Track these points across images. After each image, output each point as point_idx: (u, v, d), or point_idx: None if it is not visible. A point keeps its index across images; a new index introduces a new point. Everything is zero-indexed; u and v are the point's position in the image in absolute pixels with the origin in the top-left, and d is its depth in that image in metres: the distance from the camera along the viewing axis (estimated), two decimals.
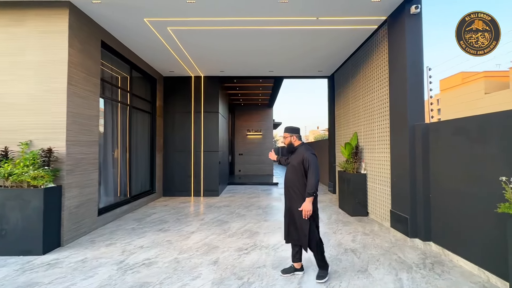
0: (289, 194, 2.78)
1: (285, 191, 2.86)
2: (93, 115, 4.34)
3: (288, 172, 2.84)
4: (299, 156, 2.72)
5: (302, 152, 2.72)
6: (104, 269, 2.95)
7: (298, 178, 2.71)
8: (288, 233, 2.80)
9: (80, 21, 4.02)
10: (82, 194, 4.06)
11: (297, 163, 2.71)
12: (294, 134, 2.88)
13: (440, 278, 2.73)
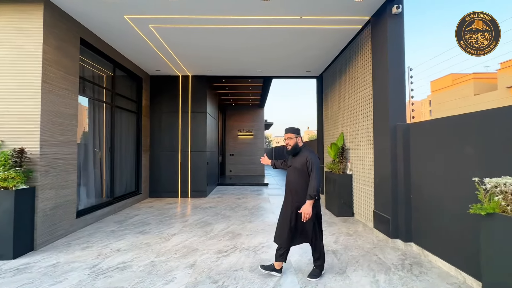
0: (292, 195, 2.71)
1: (288, 194, 2.78)
2: (71, 114, 4.21)
3: (291, 175, 2.76)
4: (302, 158, 2.67)
5: (306, 154, 2.68)
6: (75, 274, 2.85)
7: (302, 180, 2.66)
8: (293, 238, 2.68)
9: (56, 17, 3.89)
10: (59, 196, 3.93)
11: (300, 165, 2.67)
12: (299, 136, 2.79)
13: (417, 280, 2.71)
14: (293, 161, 2.77)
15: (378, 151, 4.10)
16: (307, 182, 2.64)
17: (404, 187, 3.59)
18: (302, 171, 2.66)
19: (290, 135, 2.77)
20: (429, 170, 3.21)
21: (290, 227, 2.68)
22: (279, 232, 2.76)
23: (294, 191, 2.71)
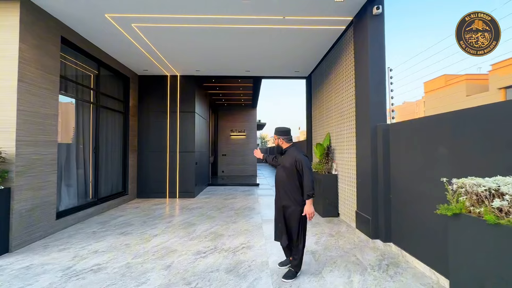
0: (280, 194, 2.82)
1: (276, 191, 2.88)
2: (51, 113, 4.15)
3: (279, 173, 2.85)
4: (290, 158, 2.74)
5: (294, 154, 2.75)
6: (47, 276, 2.80)
7: (290, 179, 2.74)
8: (288, 236, 2.76)
9: (34, 15, 3.83)
10: (37, 197, 3.87)
11: (289, 164, 2.73)
12: (281, 136, 2.87)
13: (391, 280, 2.70)
14: (282, 160, 2.85)
15: (360, 152, 4.11)
16: (295, 181, 2.72)
17: (384, 188, 3.59)
18: (291, 171, 2.72)
19: (274, 136, 2.94)
20: (405, 170, 3.22)
21: (276, 223, 2.85)
22: (276, 230, 2.90)
23: (282, 190, 2.79)
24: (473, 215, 1.89)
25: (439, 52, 34.20)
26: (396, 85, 32.10)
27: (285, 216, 2.76)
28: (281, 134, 2.88)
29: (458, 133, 2.46)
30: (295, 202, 2.72)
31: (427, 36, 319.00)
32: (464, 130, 2.40)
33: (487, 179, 1.83)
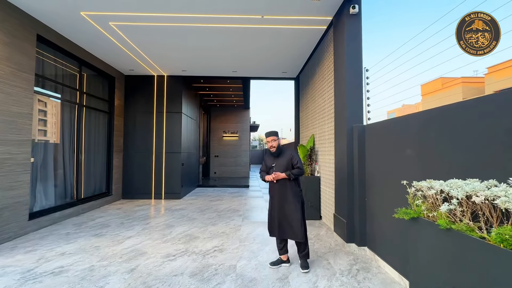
0: (280, 191, 2.97)
1: (275, 190, 3.01)
2: (24, 112, 4.08)
3: (278, 171, 2.99)
4: (287, 156, 3.02)
5: (289, 152, 3.05)
6: (4, 279, 2.71)
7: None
8: (279, 229, 2.97)
9: (5, 11, 3.77)
10: (6, 197, 3.78)
11: (286, 162, 2.98)
12: (279, 138, 3.13)
13: (358, 286, 2.62)
14: (278, 161, 3.04)
15: (338, 153, 4.03)
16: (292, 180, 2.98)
17: (359, 190, 3.51)
18: (287, 167, 2.97)
19: (274, 138, 3.07)
20: (378, 172, 3.14)
21: (273, 220, 3.00)
22: (269, 225, 3.05)
23: (280, 188, 2.97)
24: (431, 219, 1.81)
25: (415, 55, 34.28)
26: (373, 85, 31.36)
27: (286, 211, 2.94)
28: (275, 135, 3.10)
29: (423, 134, 2.39)
30: (294, 195, 2.95)
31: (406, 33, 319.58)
32: (428, 131, 2.33)
33: (441, 182, 1.76)
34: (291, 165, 2.98)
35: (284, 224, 2.95)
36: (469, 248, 1.46)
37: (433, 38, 26.31)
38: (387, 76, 24.47)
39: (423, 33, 24.82)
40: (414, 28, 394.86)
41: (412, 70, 31.24)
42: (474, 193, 1.47)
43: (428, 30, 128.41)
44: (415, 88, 16.73)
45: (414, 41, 70.12)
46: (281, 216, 2.96)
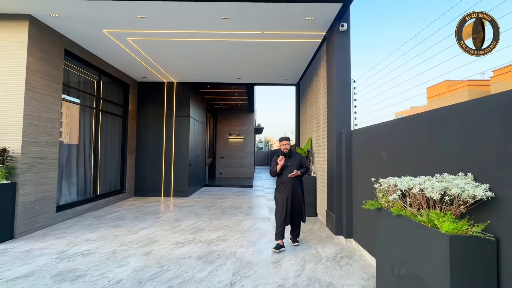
0: (290, 186, 3.68)
1: (287, 185, 3.69)
2: (53, 117, 4.67)
3: (290, 170, 3.69)
4: (296, 158, 3.79)
5: (297, 155, 3.86)
6: (44, 258, 3.26)
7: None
8: (292, 216, 3.71)
9: (40, 31, 4.38)
10: (39, 191, 4.37)
11: (298, 161, 3.76)
12: (288, 141, 3.81)
13: (339, 269, 3.05)
14: (290, 161, 3.76)
15: (329, 155, 4.47)
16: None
17: (346, 188, 3.95)
18: (298, 166, 3.74)
19: (287, 142, 3.81)
20: (361, 172, 3.57)
21: (287, 208, 3.64)
22: (279, 217, 3.69)
23: (291, 182, 3.68)
24: (388, 208, 2.25)
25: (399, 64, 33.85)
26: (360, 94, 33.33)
27: (297, 200, 3.69)
28: (287, 139, 3.83)
29: (391, 139, 2.82)
30: (300, 188, 3.78)
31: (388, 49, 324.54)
32: (395, 138, 2.76)
33: (395, 178, 2.20)
34: (300, 165, 3.75)
35: (295, 211, 3.70)
36: (410, 228, 1.90)
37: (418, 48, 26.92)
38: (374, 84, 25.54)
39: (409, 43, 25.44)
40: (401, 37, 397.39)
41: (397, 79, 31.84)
42: (413, 186, 1.91)
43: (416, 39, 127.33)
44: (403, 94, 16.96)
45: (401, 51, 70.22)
46: (295, 205, 3.69)
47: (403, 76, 19.53)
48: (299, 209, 3.73)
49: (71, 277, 2.77)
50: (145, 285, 2.62)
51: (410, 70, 3.91)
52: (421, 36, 51.66)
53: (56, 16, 4.20)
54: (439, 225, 1.64)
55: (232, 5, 3.85)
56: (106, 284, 2.64)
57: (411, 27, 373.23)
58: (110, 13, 4.13)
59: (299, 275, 2.89)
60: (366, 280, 2.79)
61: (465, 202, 1.62)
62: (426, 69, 8.04)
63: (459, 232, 1.58)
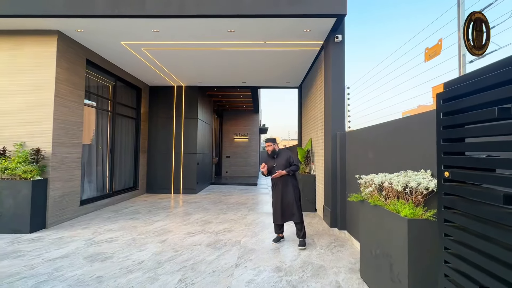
0: (280, 185, 3.82)
1: (278, 184, 3.84)
2: (77, 121, 5.21)
3: (278, 169, 3.83)
4: (284, 155, 3.90)
5: (286, 153, 3.96)
6: (74, 244, 3.78)
7: None
8: (282, 216, 3.82)
9: (67, 44, 4.91)
10: (66, 187, 4.91)
11: (285, 160, 3.86)
12: (275, 143, 3.99)
13: (331, 255, 3.47)
14: (277, 161, 3.88)
15: (326, 155, 4.87)
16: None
17: (341, 184, 4.35)
18: (286, 166, 3.83)
19: (271, 143, 4.00)
20: (353, 169, 3.97)
21: (278, 208, 3.81)
22: (274, 213, 3.91)
23: (282, 180, 3.82)
24: (367, 199, 2.66)
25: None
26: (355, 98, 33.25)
27: (288, 198, 3.78)
28: (274, 142, 4.01)
29: (375, 142, 3.22)
30: (293, 187, 3.81)
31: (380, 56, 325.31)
32: (378, 140, 3.16)
33: (374, 175, 2.60)
34: (289, 163, 3.84)
35: (287, 211, 3.79)
36: (383, 215, 2.31)
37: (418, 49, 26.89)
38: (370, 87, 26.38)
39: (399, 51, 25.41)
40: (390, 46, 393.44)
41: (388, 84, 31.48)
42: (385, 181, 2.32)
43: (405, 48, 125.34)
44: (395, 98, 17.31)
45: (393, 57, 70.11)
46: (285, 205, 3.78)
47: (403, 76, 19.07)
48: (291, 208, 3.77)
49: (101, 258, 3.27)
50: (163, 265, 3.10)
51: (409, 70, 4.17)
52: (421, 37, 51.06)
53: (80, 31, 4.73)
54: (401, 212, 2.05)
55: (237, 20, 4.29)
56: (131, 263, 3.13)
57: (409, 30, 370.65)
58: (129, 28, 4.62)
59: (295, 259, 3.32)
60: (353, 264, 3.20)
61: (421, 193, 2.03)
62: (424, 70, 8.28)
63: (416, 216, 1.99)
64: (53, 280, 2.70)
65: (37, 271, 2.91)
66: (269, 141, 4.01)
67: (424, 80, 26.33)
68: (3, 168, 4.21)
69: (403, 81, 15.08)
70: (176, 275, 2.86)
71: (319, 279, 2.80)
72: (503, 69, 0.95)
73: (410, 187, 2.06)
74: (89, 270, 2.94)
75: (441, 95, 1.32)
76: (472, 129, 1.10)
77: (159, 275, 2.85)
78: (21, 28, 4.65)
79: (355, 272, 2.97)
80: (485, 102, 1.01)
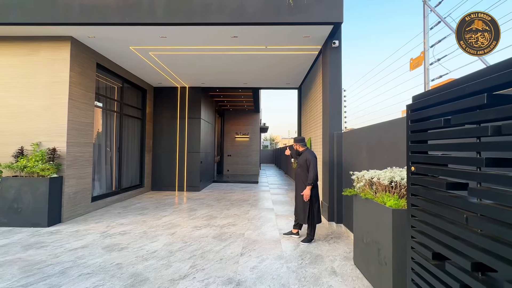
0: (297, 184, 4.08)
1: (296, 183, 4.13)
2: (89, 122, 5.51)
3: (297, 169, 4.11)
4: (303, 158, 4.02)
5: (306, 154, 4.02)
6: (91, 236, 4.09)
7: (303, 173, 3.99)
8: (296, 212, 4.09)
9: (79, 49, 5.20)
10: (79, 184, 5.22)
11: (302, 162, 4.01)
12: (298, 143, 4.19)
13: (328, 245, 3.78)
14: (299, 159, 4.12)
15: (324, 154, 5.17)
16: (305, 174, 3.97)
17: (337, 181, 4.65)
18: (304, 166, 3.97)
19: (294, 143, 4.26)
20: (349, 167, 4.27)
21: (296, 205, 4.06)
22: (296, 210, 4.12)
23: (299, 180, 4.04)
24: (359, 194, 2.96)
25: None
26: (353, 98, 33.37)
27: (297, 198, 4.04)
28: (298, 142, 4.20)
29: (369, 140, 3.52)
30: (302, 189, 3.94)
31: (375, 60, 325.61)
32: (369, 140, 3.46)
33: (365, 171, 2.90)
34: (306, 165, 3.96)
35: (296, 212, 4.10)
36: (372, 207, 2.61)
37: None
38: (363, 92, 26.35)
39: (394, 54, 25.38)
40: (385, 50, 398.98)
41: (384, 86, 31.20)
42: (374, 176, 2.62)
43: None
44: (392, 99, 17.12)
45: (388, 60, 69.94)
46: (297, 203, 4.09)
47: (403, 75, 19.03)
48: (298, 209, 4.01)
49: (117, 248, 3.58)
50: (175, 254, 3.41)
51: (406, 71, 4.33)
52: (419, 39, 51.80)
53: (92, 37, 5.01)
54: (387, 203, 2.35)
55: (240, 27, 4.57)
56: (145, 253, 3.43)
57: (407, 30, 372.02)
58: (138, 34, 4.91)
59: (295, 249, 3.63)
60: (348, 253, 3.51)
61: (404, 186, 2.33)
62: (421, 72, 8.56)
63: (399, 207, 2.29)
64: (77, 267, 3.01)
65: (61, 259, 3.22)
66: (295, 142, 4.26)
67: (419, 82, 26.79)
68: (22, 166, 4.51)
69: (400, 83, 15.24)
70: (187, 262, 3.16)
71: (316, 266, 3.11)
72: (448, 90, 1.25)
73: (395, 182, 2.36)
74: (108, 258, 3.25)
75: (410, 106, 1.62)
76: (431, 134, 1.40)
77: (172, 262, 3.16)
78: (37, 35, 4.94)
79: (349, 260, 3.27)
80: (439, 113, 1.30)
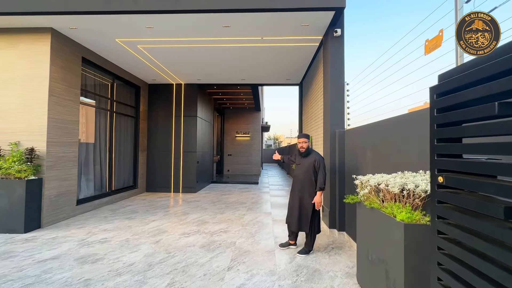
0: (297, 187, 3.46)
1: (296, 186, 3.49)
2: (74, 120, 5.16)
3: (298, 171, 3.50)
4: (311, 158, 3.40)
5: (314, 155, 3.43)
6: (67, 244, 3.73)
7: (309, 176, 3.41)
8: (299, 221, 3.42)
9: (61, 42, 4.85)
10: (62, 186, 4.88)
11: (308, 164, 3.39)
12: (303, 138, 3.52)
13: (328, 258, 3.35)
14: (302, 160, 3.47)
15: (325, 153, 4.72)
16: (311, 178, 3.40)
17: (339, 185, 4.21)
18: (309, 169, 3.39)
19: (305, 140, 3.49)
20: (352, 168, 3.82)
21: (291, 212, 3.50)
22: (288, 216, 3.58)
23: (300, 184, 3.45)
24: (363, 201, 2.52)
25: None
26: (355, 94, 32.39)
27: (300, 205, 3.42)
28: (303, 137, 3.53)
29: (375, 139, 3.07)
30: (309, 194, 3.39)
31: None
32: (374, 139, 3.01)
33: (370, 175, 2.46)
34: (313, 167, 3.36)
35: (299, 219, 3.42)
36: (379, 219, 2.18)
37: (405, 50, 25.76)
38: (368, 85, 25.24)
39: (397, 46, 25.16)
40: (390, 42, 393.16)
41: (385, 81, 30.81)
42: (381, 182, 2.18)
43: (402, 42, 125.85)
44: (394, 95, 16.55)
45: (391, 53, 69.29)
46: (299, 211, 3.42)
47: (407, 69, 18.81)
48: (302, 217, 3.41)
49: (91, 260, 3.21)
50: (154, 268, 3.02)
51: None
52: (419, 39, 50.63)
53: (74, 28, 4.65)
54: (397, 216, 1.92)
55: (231, 15, 4.16)
56: (121, 266, 3.05)
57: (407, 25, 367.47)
58: (122, 24, 4.53)
59: (290, 262, 3.21)
60: (351, 267, 3.07)
61: (419, 196, 1.89)
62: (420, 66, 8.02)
63: (413, 221, 1.85)
64: (39, 283, 2.64)
65: (25, 273, 2.86)
66: (302, 137, 3.51)
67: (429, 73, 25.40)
68: None
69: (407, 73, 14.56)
70: (165, 278, 2.77)
71: (313, 284, 2.68)
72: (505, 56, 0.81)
73: (407, 190, 1.92)
74: (78, 273, 2.87)
75: (435, 88, 1.17)
76: (470, 128, 0.96)
77: (148, 278, 2.77)
78: (15, 26, 4.60)
79: (351, 277, 2.84)
80: (484, 95, 0.87)
